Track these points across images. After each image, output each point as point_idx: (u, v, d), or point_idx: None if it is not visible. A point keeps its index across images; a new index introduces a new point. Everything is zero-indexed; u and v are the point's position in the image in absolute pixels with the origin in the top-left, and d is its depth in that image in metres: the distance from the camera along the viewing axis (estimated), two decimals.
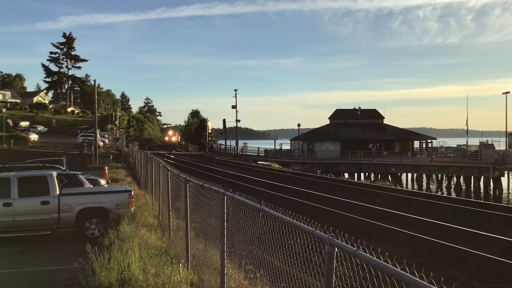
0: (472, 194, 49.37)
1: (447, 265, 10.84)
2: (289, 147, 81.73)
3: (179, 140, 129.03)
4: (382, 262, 2.72)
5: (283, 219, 4.47)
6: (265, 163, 61.81)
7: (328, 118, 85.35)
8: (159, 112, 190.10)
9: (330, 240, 3.33)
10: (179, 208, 10.99)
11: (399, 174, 59.92)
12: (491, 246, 12.21)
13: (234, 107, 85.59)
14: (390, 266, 2.63)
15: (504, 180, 53.13)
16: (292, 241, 4.66)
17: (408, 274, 2.46)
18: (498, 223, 16.25)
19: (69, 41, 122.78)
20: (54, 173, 14.73)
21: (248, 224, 5.91)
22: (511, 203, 43.07)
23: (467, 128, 72.03)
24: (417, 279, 2.39)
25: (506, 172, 53.09)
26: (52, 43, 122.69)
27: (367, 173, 61.42)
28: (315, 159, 64.82)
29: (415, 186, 57.62)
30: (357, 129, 78.86)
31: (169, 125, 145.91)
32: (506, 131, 66.15)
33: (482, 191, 51.60)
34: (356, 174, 61.42)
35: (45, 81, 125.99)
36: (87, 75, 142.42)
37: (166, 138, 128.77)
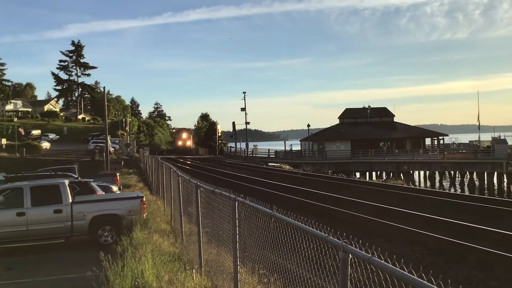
0: (486, 190, 48.87)
1: (463, 264, 10.70)
2: (299, 148, 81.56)
3: (193, 145, 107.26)
4: (398, 269, 2.66)
5: (295, 224, 4.42)
6: (275, 164, 61.73)
7: (338, 118, 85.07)
8: (169, 117, 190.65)
9: (344, 247, 3.27)
10: (191, 213, 10.97)
11: (411, 172, 59.50)
12: (504, 244, 12.04)
13: (243, 109, 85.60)
14: (407, 273, 2.57)
15: None
16: (305, 246, 4.60)
17: (426, 282, 2.40)
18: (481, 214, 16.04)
19: (77, 48, 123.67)
20: (66, 181, 14.80)
21: (260, 229, 5.86)
22: None
23: (479, 124, 71.35)
24: (434, 287, 2.33)
25: None
26: (61, 51, 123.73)
27: (378, 172, 61.08)
28: (325, 159, 64.61)
29: (428, 184, 57.18)
30: (367, 128, 78.49)
31: (182, 128, 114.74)
32: None
33: (496, 187, 51.06)
34: (367, 173, 61.11)
35: (55, 89, 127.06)
36: (96, 82, 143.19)
37: (180, 143, 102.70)
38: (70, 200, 14.12)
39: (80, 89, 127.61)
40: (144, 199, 15.04)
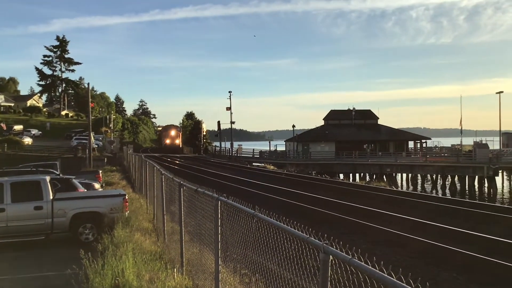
0: (467, 194, 49.50)
1: (444, 266, 10.82)
2: (284, 148, 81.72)
3: (181, 143, 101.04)
4: (377, 271, 2.67)
5: (277, 225, 4.42)
6: (260, 164, 61.73)
7: (323, 119, 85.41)
8: (154, 115, 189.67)
9: (324, 248, 3.28)
10: (174, 212, 10.92)
11: (394, 174, 60.01)
12: (487, 247, 12.20)
13: (228, 108, 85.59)
14: (386, 275, 2.58)
15: (498, 179, 53.31)
16: (287, 246, 4.60)
17: (404, 284, 2.41)
18: (484, 222, 16.26)
19: (62, 44, 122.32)
20: (47, 178, 14.61)
21: (242, 229, 5.85)
22: (505, 203, 43.21)
23: (461, 128, 72.24)
24: None
25: (500, 171, 53.28)
26: (45, 46, 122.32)
27: (362, 174, 61.48)
28: (310, 160, 64.85)
29: (410, 187, 57.73)
30: (351, 129, 78.98)
31: (170, 125, 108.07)
32: (500, 130, 66.42)
33: (476, 190, 51.74)
34: (351, 174, 61.45)
35: (38, 85, 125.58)
36: (81, 78, 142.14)
37: (167, 141, 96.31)
38: (51, 197, 13.94)
39: (64, 85, 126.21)
40: (126, 197, 14.91)
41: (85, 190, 18.81)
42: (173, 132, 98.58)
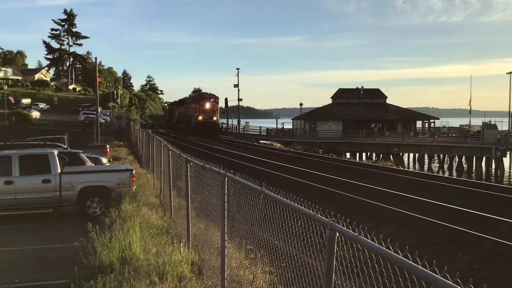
0: (474, 175, 49.36)
1: (450, 246, 10.85)
2: (291, 127, 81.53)
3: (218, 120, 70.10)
4: (384, 248, 2.67)
5: (284, 202, 4.42)
6: (267, 142, 61.72)
7: (331, 98, 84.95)
8: (161, 91, 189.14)
9: (331, 225, 3.28)
10: (181, 188, 10.98)
11: (401, 154, 59.84)
12: (495, 229, 12.21)
13: (236, 85, 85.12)
14: (392, 253, 2.58)
15: (506, 160, 53.04)
16: (293, 223, 4.62)
17: (410, 262, 2.41)
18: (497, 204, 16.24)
19: (70, 17, 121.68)
20: (55, 151, 14.71)
21: (249, 205, 5.88)
22: None
23: (470, 108, 71.79)
24: (419, 266, 2.34)
25: (508, 152, 52.97)
26: (53, 20, 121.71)
27: (369, 153, 61.37)
28: (317, 138, 64.70)
29: (417, 166, 57.62)
30: (359, 108, 78.54)
31: (202, 93, 74.76)
32: (509, 111, 65.78)
33: (484, 171, 51.56)
34: (358, 154, 61.35)
35: (46, 58, 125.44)
36: (88, 52, 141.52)
37: (200, 117, 63.57)
38: (59, 171, 14.06)
39: (71, 59, 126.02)
40: (133, 172, 15.01)
41: (93, 165, 18.94)
42: (208, 105, 64.72)
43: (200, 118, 64.06)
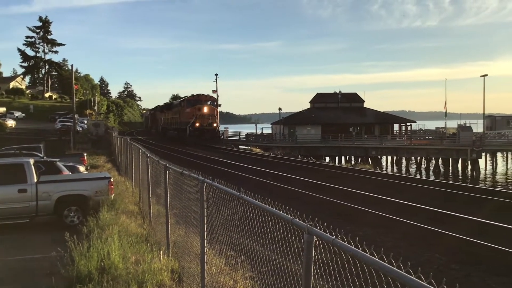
0: (450, 176, 50.15)
1: (425, 247, 11.00)
2: (270, 131, 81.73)
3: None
4: (360, 251, 2.71)
5: (262, 207, 4.44)
6: (246, 147, 61.73)
7: (309, 102, 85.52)
8: (139, 97, 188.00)
9: (308, 229, 3.31)
10: (160, 195, 10.92)
11: (379, 157, 60.48)
12: (465, 228, 12.42)
13: (214, 91, 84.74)
14: (368, 255, 2.62)
15: (481, 162, 54.03)
16: (272, 228, 4.64)
17: (386, 264, 2.45)
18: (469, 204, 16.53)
19: (45, 24, 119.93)
20: (31, 160, 14.47)
21: (228, 211, 5.88)
22: (488, 185, 43.92)
23: (446, 111, 73.02)
24: (394, 268, 2.38)
25: (483, 154, 53.97)
26: (28, 27, 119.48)
27: (347, 157, 61.88)
28: (296, 143, 64.99)
29: (395, 169, 58.29)
30: (337, 112, 79.22)
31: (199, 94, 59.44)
32: (483, 113, 67.18)
33: (460, 173, 52.42)
34: (337, 157, 61.83)
35: (21, 66, 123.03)
36: (64, 60, 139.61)
37: (197, 123, 54.64)
38: (35, 180, 13.83)
39: (47, 67, 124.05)
40: (112, 180, 14.85)
41: (70, 173, 18.68)
42: (206, 108, 55.39)
43: (197, 124, 53.83)
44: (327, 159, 58.53)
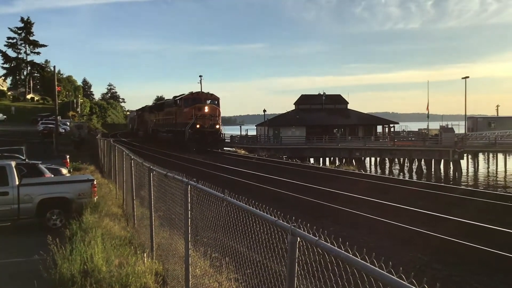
0: (433, 177, 50.72)
1: (408, 247, 11.12)
2: (255, 133, 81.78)
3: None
4: (343, 252, 2.74)
5: (246, 208, 4.46)
6: (231, 149, 61.67)
7: (294, 104, 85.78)
8: (123, 99, 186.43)
9: (292, 230, 3.33)
10: (144, 197, 10.86)
11: (363, 158, 60.91)
12: (448, 228, 12.58)
13: None
14: (350, 255, 2.65)
15: (463, 163, 54.73)
16: (256, 229, 4.65)
17: (368, 264, 2.48)
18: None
19: (27, 25, 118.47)
20: (13, 163, 14.28)
21: (212, 213, 5.88)
22: (470, 185, 44.53)
23: (428, 112, 73.81)
24: (376, 268, 2.41)
25: (465, 155, 54.69)
26: (9, 28, 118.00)
27: (332, 158, 62.21)
28: (281, 144, 65.12)
29: (378, 170, 58.76)
30: (322, 114, 79.59)
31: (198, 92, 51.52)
32: (465, 115, 68.03)
33: (442, 174, 53.04)
34: (321, 159, 62.09)
35: (2, 67, 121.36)
36: (46, 61, 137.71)
37: (198, 124, 47.72)
38: (17, 182, 13.65)
39: (29, 68, 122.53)
40: (95, 182, 14.73)
41: (52, 176, 18.48)
42: (207, 108, 48.67)
43: (198, 126, 46.96)
44: (312, 160, 58.77)
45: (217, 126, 49.00)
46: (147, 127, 71.30)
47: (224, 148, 57.93)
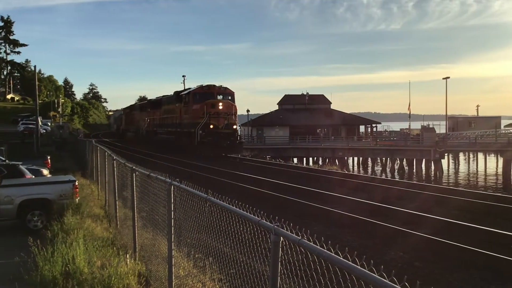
0: (415, 177, 51.31)
1: (390, 246, 11.24)
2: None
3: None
4: (325, 251, 2.77)
5: (230, 208, 4.47)
6: None
7: (277, 104, 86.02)
8: (105, 99, 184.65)
9: (275, 230, 3.36)
10: (126, 198, 10.79)
11: (346, 158, 61.34)
12: (430, 227, 12.74)
13: None
14: (333, 254, 2.68)
15: (444, 162, 55.47)
16: (240, 229, 4.67)
17: (349, 262, 2.51)
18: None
19: (7, 24, 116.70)
20: None
21: (195, 213, 5.88)
22: (451, 184, 45.16)
23: (410, 112, 74.66)
24: (358, 266, 2.45)
25: (446, 154, 55.45)
26: None
27: (315, 158, 62.52)
28: (264, 144, 65.24)
29: (361, 170, 59.24)
30: (305, 114, 79.93)
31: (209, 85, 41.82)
32: (446, 114, 68.99)
33: (424, 173, 53.70)
34: (304, 159, 62.36)
35: None
36: (27, 61, 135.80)
37: (212, 124, 39.00)
38: None
39: (9, 68, 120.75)
40: (76, 183, 14.59)
41: (33, 177, 18.24)
42: (221, 105, 40.80)
43: (211, 126, 39.05)
44: (295, 160, 59.01)
45: (234, 127, 41.35)
46: (138, 127, 64.13)
47: None
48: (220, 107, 40.03)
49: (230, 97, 42.35)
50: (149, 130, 57.25)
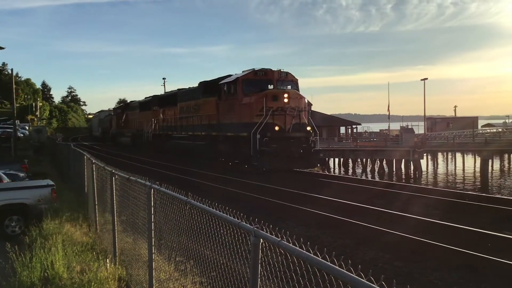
0: (394, 177, 51.86)
1: (370, 246, 11.34)
2: None
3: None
4: (304, 252, 2.79)
5: (210, 211, 4.47)
6: None
7: None
8: (84, 102, 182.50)
9: (255, 232, 3.37)
10: (106, 202, 10.70)
11: (327, 159, 61.68)
12: (410, 226, 12.90)
13: None
14: (311, 255, 2.70)
15: (423, 162, 56.18)
16: (220, 232, 4.67)
17: (328, 263, 2.54)
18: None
19: None
20: None
21: (176, 216, 5.86)
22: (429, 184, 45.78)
23: (389, 113, 75.45)
24: (336, 267, 2.47)
25: (425, 155, 56.16)
26: None
27: None
28: None
29: (342, 171, 59.65)
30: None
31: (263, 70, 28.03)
32: (424, 115, 69.93)
33: (403, 173, 54.30)
34: None
35: None
36: (4, 64, 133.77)
37: (277, 127, 26.45)
38: None
39: None
40: (55, 188, 14.40)
41: (10, 181, 17.96)
42: (287, 96, 27.02)
43: (276, 128, 27.22)
44: None
45: (308, 128, 28.73)
46: (138, 130, 51.91)
47: None
48: (286, 100, 27.45)
49: (296, 86, 30.23)
50: (157, 134, 45.55)
